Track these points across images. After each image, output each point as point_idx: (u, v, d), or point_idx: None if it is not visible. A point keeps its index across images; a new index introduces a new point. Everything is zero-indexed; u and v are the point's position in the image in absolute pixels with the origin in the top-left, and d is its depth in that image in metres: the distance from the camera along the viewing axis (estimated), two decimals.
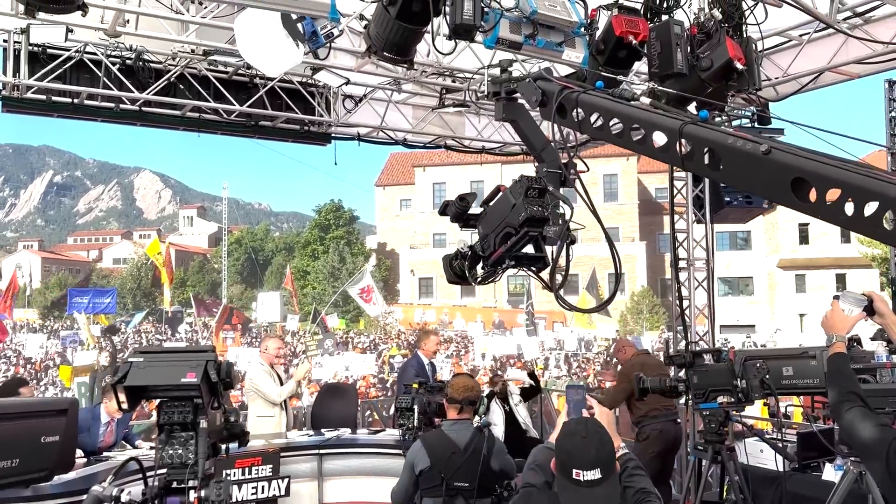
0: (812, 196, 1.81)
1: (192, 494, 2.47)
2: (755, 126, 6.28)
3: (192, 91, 7.66)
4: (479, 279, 2.87)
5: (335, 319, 36.09)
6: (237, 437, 2.86)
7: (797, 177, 1.80)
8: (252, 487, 4.96)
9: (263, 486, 5.01)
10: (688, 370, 4.05)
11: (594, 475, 2.17)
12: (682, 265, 7.93)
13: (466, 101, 8.02)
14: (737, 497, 4.02)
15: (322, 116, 8.47)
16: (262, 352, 7.06)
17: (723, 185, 7.05)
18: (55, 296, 59.19)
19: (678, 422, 6.75)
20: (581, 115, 2.52)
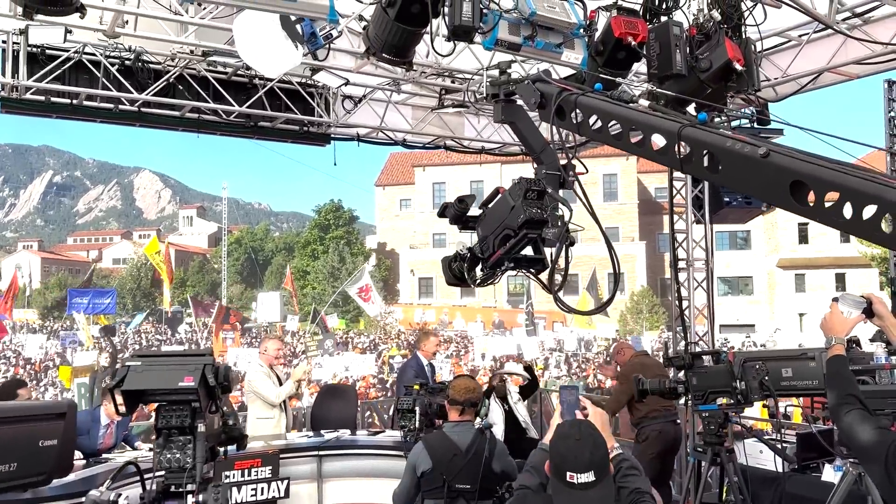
0: (810, 199, 1.81)
1: (190, 499, 2.47)
2: (754, 126, 6.28)
3: (192, 92, 7.65)
4: (479, 281, 2.87)
5: (335, 319, 36.09)
6: (236, 441, 2.85)
7: (796, 180, 1.80)
8: (251, 489, 4.96)
9: (263, 488, 5.02)
10: (687, 372, 4.05)
11: (588, 478, 2.18)
12: (682, 266, 7.94)
13: (466, 102, 8.01)
14: (736, 498, 4.02)
15: (321, 117, 8.46)
16: (262, 353, 7.06)
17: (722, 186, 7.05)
18: (55, 296, 59.18)
19: (678, 422, 6.75)
20: (580, 118, 2.52)
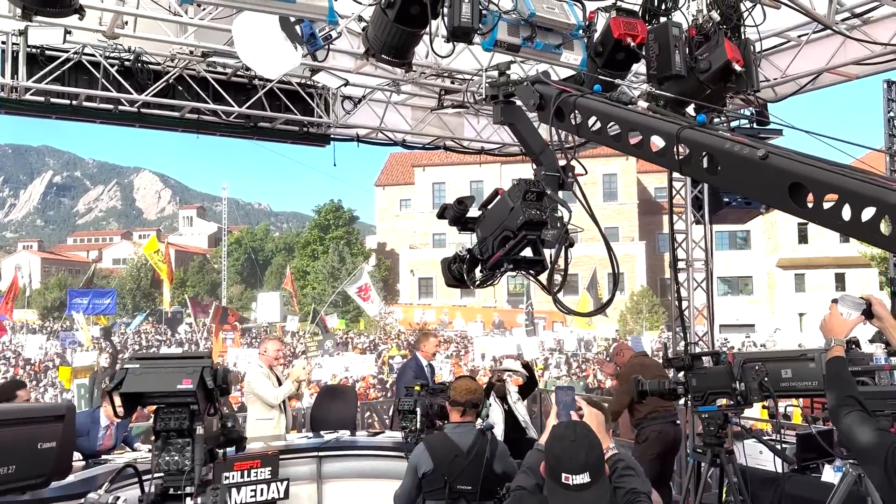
0: (809, 201, 1.81)
1: (189, 501, 2.47)
2: (754, 127, 6.29)
3: (191, 92, 7.65)
4: (478, 283, 2.87)
5: (335, 320, 36.09)
6: (234, 443, 2.85)
7: (794, 182, 1.80)
8: (251, 490, 4.95)
9: (262, 489, 5.01)
10: (686, 373, 4.05)
11: (583, 479, 2.18)
12: (682, 266, 7.94)
13: (465, 103, 8.01)
14: (736, 499, 4.01)
15: (321, 118, 8.46)
16: (262, 354, 7.06)
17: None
18: (55, 296, 59.17)
19: (677, 423, 6.75)
20: (579, 119, 2.52)
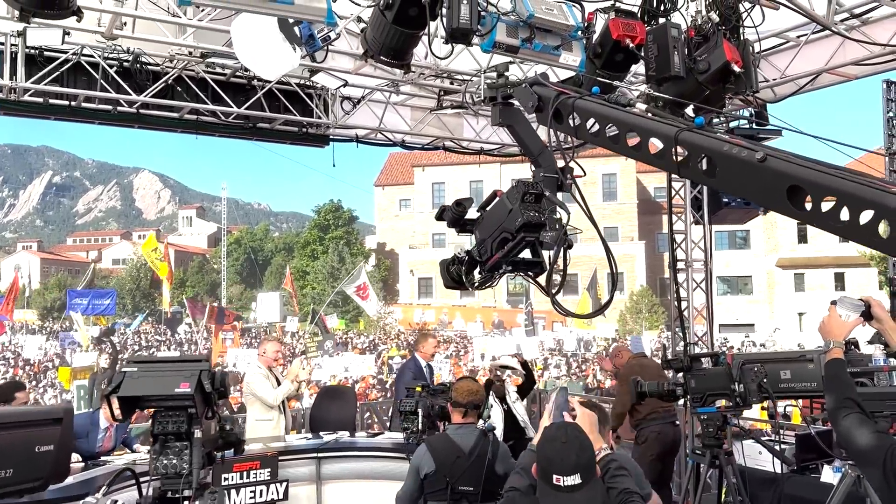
0: (808, 204, 1.81)
1: None
2: (753, 127, 6.29)
3: (190, 93, 7.64)
4: (477, 284, 2.87)
5: (334, 320, 36.11)
6: (232, 446, 2.85)
7: (793, 184, 1.81)
8: (250, 491, 4.95)
9: (262, 490, 5.01)
10: (685, 374, 4.05)
11: (574, 480, 2.19)
12: (681, 266, 7.94)
13: (464, 103, 8.01)
14: (735, 500, 4.02)
15: (320, 118, 8.46)
16: (261, 355, 7.06)
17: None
18: (54, 297, 59.17)
19: (677, 424, 6.75)
20: (577, 121, 2.52)
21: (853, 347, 3.88)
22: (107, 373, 15.21)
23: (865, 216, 1.67)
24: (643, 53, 3.31)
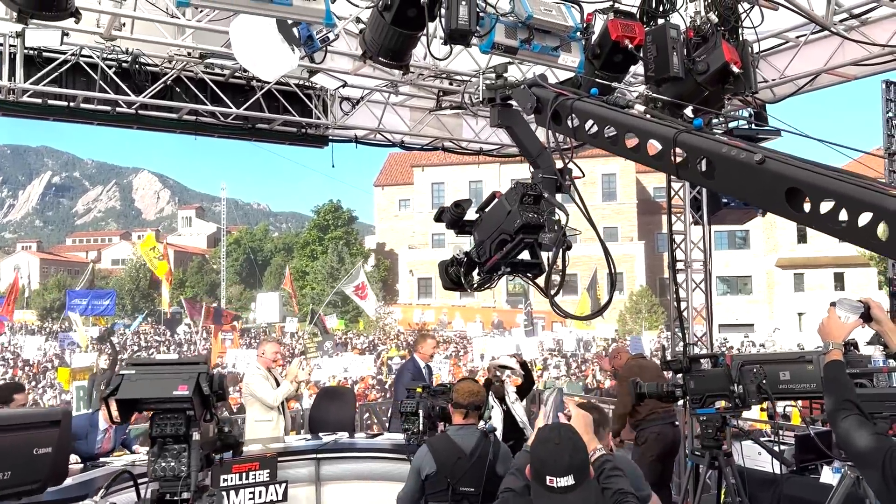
0: (806, 206, 1.81)
1: None
2: (752, 128, 6.29)
3: (189, 94, 7.63)
4: (475, 285, 2.87)
5: (334, 320, 36.11)
6: (231, 448, 2.85)
7: (791, 186, 1.80)
8: (249, 492, 4.95)
9: (261, 491, 5.01)
10: (685, 375, 4.05)
11: (567, 481, 2.19)
12: (680, 267, 7.94)
13: (463, 104, 8.01)
14: (734, 500, 4.02)
15: (319, 119, 8.45)
16: (260, 356, 7.06)
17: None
18: (54, 297, 59.16)
19: (676, 424, 6.75)
20: (576, 122, 2.52)
21: (852, 349, 3.88)
22: (106, 373, 15.20)
23: (864, 218, 1.66)
24: (642, 54, 3.32)
